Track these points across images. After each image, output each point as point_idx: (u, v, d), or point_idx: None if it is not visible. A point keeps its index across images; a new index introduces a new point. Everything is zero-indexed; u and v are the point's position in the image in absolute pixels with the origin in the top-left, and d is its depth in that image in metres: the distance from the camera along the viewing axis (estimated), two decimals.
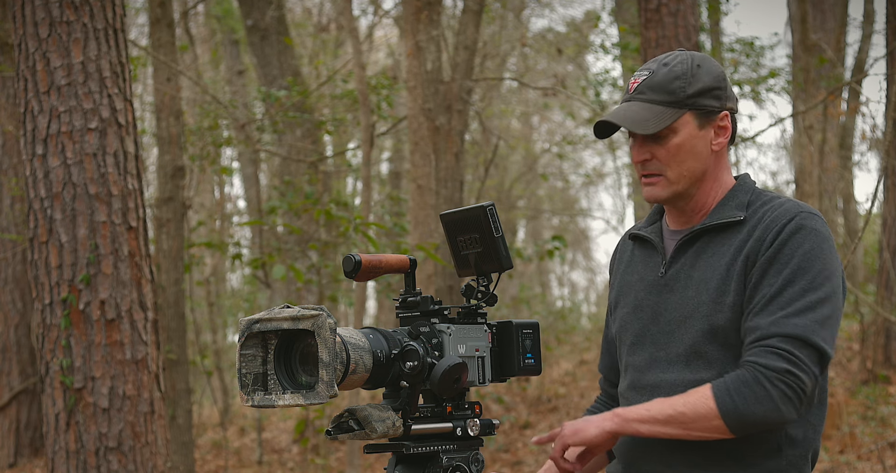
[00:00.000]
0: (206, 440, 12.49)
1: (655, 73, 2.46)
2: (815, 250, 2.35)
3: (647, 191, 2.49)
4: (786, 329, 2.30)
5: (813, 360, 2.30)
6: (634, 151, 2.49)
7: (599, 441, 2.37)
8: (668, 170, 2.45)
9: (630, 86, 2.51)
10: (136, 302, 4.96)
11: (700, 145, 2.46)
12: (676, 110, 2.43)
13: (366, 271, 2.32)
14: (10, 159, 10.27)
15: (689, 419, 2.32)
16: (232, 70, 14.88)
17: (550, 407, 11.66)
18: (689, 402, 2.32)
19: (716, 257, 2.43)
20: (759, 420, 2.29)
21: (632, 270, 2.61)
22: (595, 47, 15.00)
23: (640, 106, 2.45)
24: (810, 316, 2.31)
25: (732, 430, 2.31)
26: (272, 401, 2.13)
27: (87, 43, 4.95)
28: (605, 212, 32.21)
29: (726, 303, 2.38)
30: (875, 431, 8.83)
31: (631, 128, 2.41)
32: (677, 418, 2.32)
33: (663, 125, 2.41)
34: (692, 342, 2.42)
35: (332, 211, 8.57)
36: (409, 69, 8.63)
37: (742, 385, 2.29)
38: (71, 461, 4.84)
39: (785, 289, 2.33)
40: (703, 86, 2.44)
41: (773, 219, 2.39)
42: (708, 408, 2.30)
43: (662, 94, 2.44)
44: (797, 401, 2.29)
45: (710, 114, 2.46)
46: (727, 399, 2.29)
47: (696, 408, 2.31)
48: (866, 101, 13.42)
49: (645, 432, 2.35)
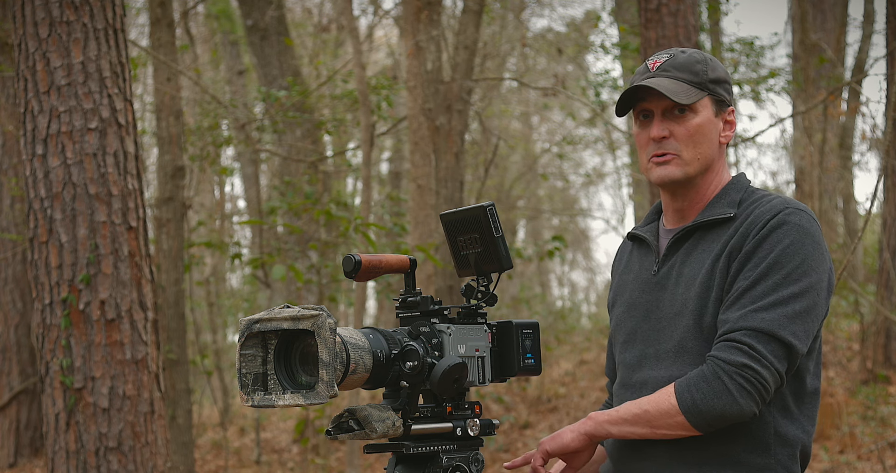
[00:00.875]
0: (206, 440, 12.49)
1: (676, 57, 2.50)
2: (794, 245, 2.34)
3: (661, 171, 2.47)
4: (752, 322, 2.30)
5: (778, 355, 2.29)
6: (655, 127, 2.47)
7: (576, 445, 2.39)
8: (683, 151, 2.46)
9: (651, 65, 2.51)
10: (136, 302, 4.96)
11: (713, 132, 2.49)
12: (699, 91, 2.46)
13: (366, 271, 2.32)
14: (10, 159, 10.27)
15: (653, 417, 2.33)
16: (232, 70, 14.88)
17: (550, 407, 11.66)
18: (653, 400, 2.34)
19: (705, 254, 2.44)
20: (717, 414, 2.29)
21: (628, 270, 2.63)
22: (595, 47, 14.99)
23: (669, 80, 2.46)
24: (780, 310, 2.30)
25: (695, 426, 2.31)
26: (272, 401, 2.13)
27: (87, 43, 4.95)
28: (605, 212, 32.20)
29: (711, 299, 2.39)
30: (875, 431, 8.83)
31: (668, 94, 2.42)
32: (643, 417, 2.34)
33: (694, 99, 2.44)
34: (680, 338, 2.42)
35: (331, 211, 8.57)
36: (409, 69, 8.63)
37: (701, 380, 2.30)
38: (71, 461, 4.84)
39: (758, 283, 2.33)
40: (719, 75, 2.50)
41: (759, 215, 2.40)
42: (670, 405, 2.31)
43: (688, 74, 2.47)
44: (757, 396, 2.29)
45: (722, 105, 2.50)
46: (686, 395, 2.30)
47: (660, 406, 2.32)
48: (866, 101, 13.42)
49: (616, 433, 2.37)
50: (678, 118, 2.46)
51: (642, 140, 2.50)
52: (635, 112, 2.52)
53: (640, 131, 2.51)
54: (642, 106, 2.50)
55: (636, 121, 2.53)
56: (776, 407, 2.39)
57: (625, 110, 2.53)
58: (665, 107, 2.46)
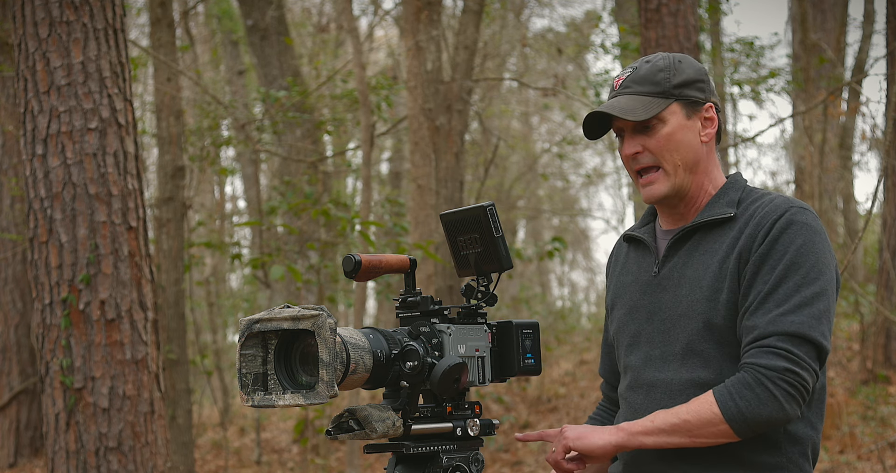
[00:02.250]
0: (206, 440, 12.49)
1: (638, 69, 2.50)
2: (807, 245, 2.35)
3: (647, 191, 2.49)
4: (783, 327, 2.30)
5: (812, 356, 2.31)
6: (626, 146, 2.49)
7: (602, 453, 2.39)
8: (663, 161, 2.46)
9: (615, 84, 2.53)
10: (136, 302, 4.96)
11: (690, 135, 2.48)
12: (663, 100, 2.45)
13: (366, 271, 2.32)
14: (10, 159, 10.27)
15: (693, 426, 2.32)
16: (232, 70, 14.88)
17: (550, 407, 11.66)
18: (693, 410, 2.33)
19: (708, 255, 2.44)
20: (764, 421, 2.29)
21: (626, 272, 2.62)
22: (595, 47, 14.99)
23: (626, 98, 2.47)
24: (807, 311, 2.31)
25: (738, 433, 2.31)
26: (272, 401, 2.13)
27: (87, 43, 4.94)
28: (605, 212, 32.22)
29: (721, 301, 2.38)
30: (875, 431, 8.83)
31: (621, 115, 2.42)
32: (682, 426, 2.33)
33: (652, 113, 2.43)
34: (688, 340, 2.42)
35: (330, 211, 8.56)
36: (409, 69, 8.63)
37: (744, 387, 2.29)
38: (71, 461, 4.84)
39: (779, 286, 2.33)
40: (686, 77, 2.48)
41: (765, 215, 2.40)
42: (712, 414, 2.31)
43: (648, 86, 2.47)
44: (800, 399, 2.30)
45: (696, 105, 2.49)
46: (731, 404, 2.30)
47: (701, 415, 2.31)
48: (866, 101, 13.42)
49: (650, 443, 2.36)
50: (647, 131, 2.47)
51: (623, 157, 2.53)
52: (615, 130, 2.53)
53: (620, 147, 2.53)
54: (614, 125, 2.51)
55: (617, 137, 2.55)
56: None
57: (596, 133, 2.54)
58: (631, 124, 2.48)
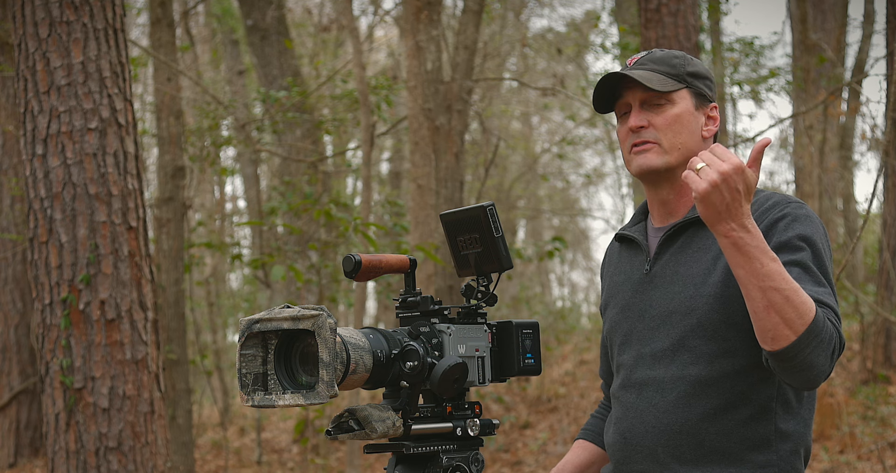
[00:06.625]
0: (206, 440, 12.49)
1: (654, 53, 2.55)
2: (814, 235, 2.36)
3: (640, 159, 2.47)
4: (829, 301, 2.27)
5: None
6: (632, 118, 2.48)
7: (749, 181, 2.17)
8: (663, 139, 2.46)
9: (629, 62, 2.56)
10: (136, 302, 4.96)
11: (694, 124, 2.49)
12: (677, 82, 2.49)
13: (366, 271, 2.32)
14: (10, 159, 10.27)
15: (792, 303, 2.16)
16: (232, 70, 14.88)
17: (550, 407, 11.66)
18: (805, 300, 2.18)
19: (701, 252, 2.44)
20: (810, 361, 2.18)
21: (619, 271, 2.62)
22: (595, 47, 15.00)
23: (644, 71, 2.49)
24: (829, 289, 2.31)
25: (784, 348, 2.17)
26: (272, 401, 2.13)
27: (87, 43, 4.95)
28: (605, 212, 32.22)
29: (714, 296, 2.38)
30: (875, 431, 8.83)
31: (641, 80, 2.43)
32: (788, 294, 2.16)
33: (670, 88, 2.46)
34: (679, 337, 2.41)
35: (331, 211, 8.56)
36: (409, 69, 8.63)
37: (836, 332, 2.22)
38: (71, 461, 4.84)
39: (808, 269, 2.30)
40: (698, 70, 2.53)
41: (763, 212, 2.40)
42: (807, 309, 2.17)
43: (665, 66, 2.50)
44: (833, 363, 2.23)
45: (704, 100, 2.51)
46: (824, 325, 2.19)
47: (804, 303, 2.17)
48: (866, 101, 13.43)
49: (745, 269, 2.17)
50: (656, 108, 2.47)
51: (622, 134, 2.52)
52: (617, 111, 2.53)
53: (620, 127, 2.53)
54: (621, 102, 2.52)
55: (618, 118, 2.55)
56: (778, 401, 2.38)
57: (604, 106, 2.55)
58: (642, 98, 2.48)
